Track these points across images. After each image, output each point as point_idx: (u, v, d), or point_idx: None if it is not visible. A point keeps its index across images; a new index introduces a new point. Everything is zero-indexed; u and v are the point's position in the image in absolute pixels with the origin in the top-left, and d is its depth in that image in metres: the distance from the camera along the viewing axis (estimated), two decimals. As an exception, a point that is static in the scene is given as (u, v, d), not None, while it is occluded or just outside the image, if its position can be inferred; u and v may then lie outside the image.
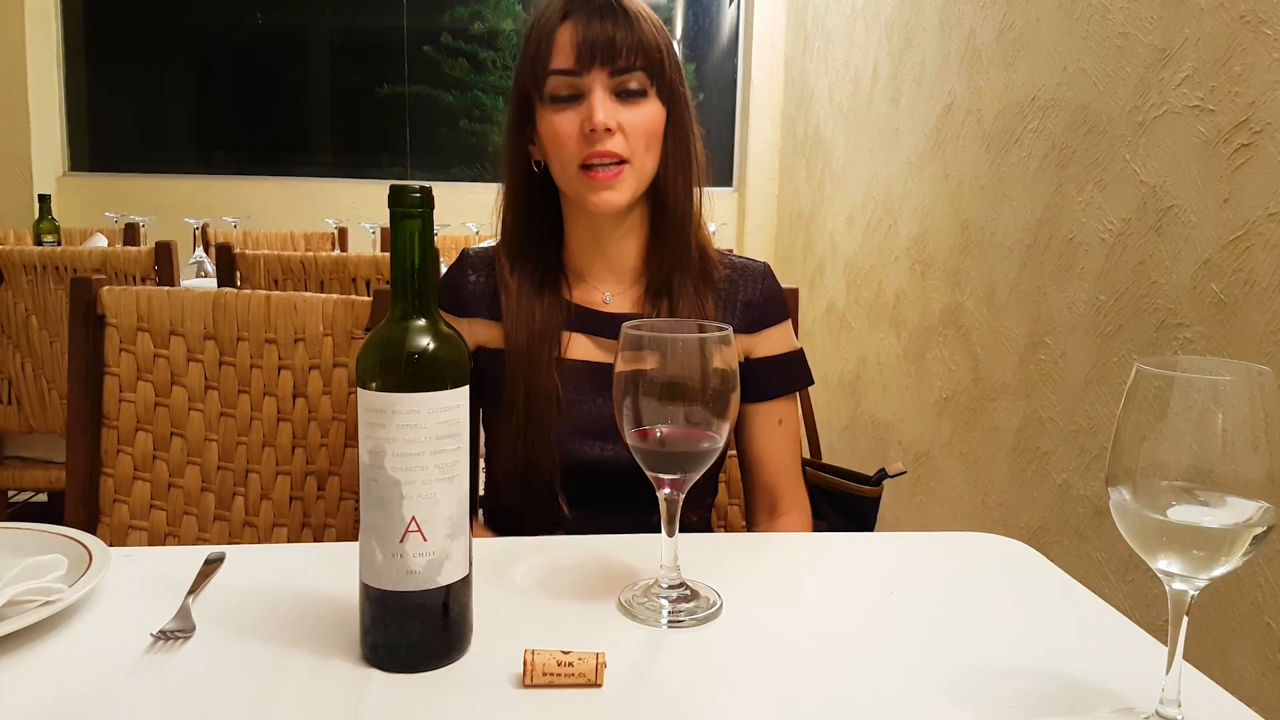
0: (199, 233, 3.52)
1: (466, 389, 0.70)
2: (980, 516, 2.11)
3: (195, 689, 0.66)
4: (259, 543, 1.28)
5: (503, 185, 1.15)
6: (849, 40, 3.25)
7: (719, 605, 0.80)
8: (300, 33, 4.83)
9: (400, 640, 0.69)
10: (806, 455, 1.37)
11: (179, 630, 0.72)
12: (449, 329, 0.71)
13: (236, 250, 2.27)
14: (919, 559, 0.96)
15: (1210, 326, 1.41)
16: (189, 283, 2.88)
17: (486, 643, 0.72)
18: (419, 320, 0.70)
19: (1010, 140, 2.02)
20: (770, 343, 1.18)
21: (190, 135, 4.83)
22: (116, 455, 1.29)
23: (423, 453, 0.67)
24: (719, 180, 4.51)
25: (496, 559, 0.89)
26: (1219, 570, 0.59)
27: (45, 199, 3.26)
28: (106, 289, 1.29)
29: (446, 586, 0.69)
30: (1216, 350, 1.40)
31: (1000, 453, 2.02)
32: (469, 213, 3.95)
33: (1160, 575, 0.61)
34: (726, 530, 1.37)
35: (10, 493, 2.68)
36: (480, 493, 1.24)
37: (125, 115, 4.72)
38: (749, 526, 1.23)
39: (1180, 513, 0.58)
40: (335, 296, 1.31)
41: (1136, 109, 1.58)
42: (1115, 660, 0.74)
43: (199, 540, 1.29)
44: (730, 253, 1.23)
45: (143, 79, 4.71)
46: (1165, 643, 0.63)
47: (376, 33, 4.76)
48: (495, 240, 1.19)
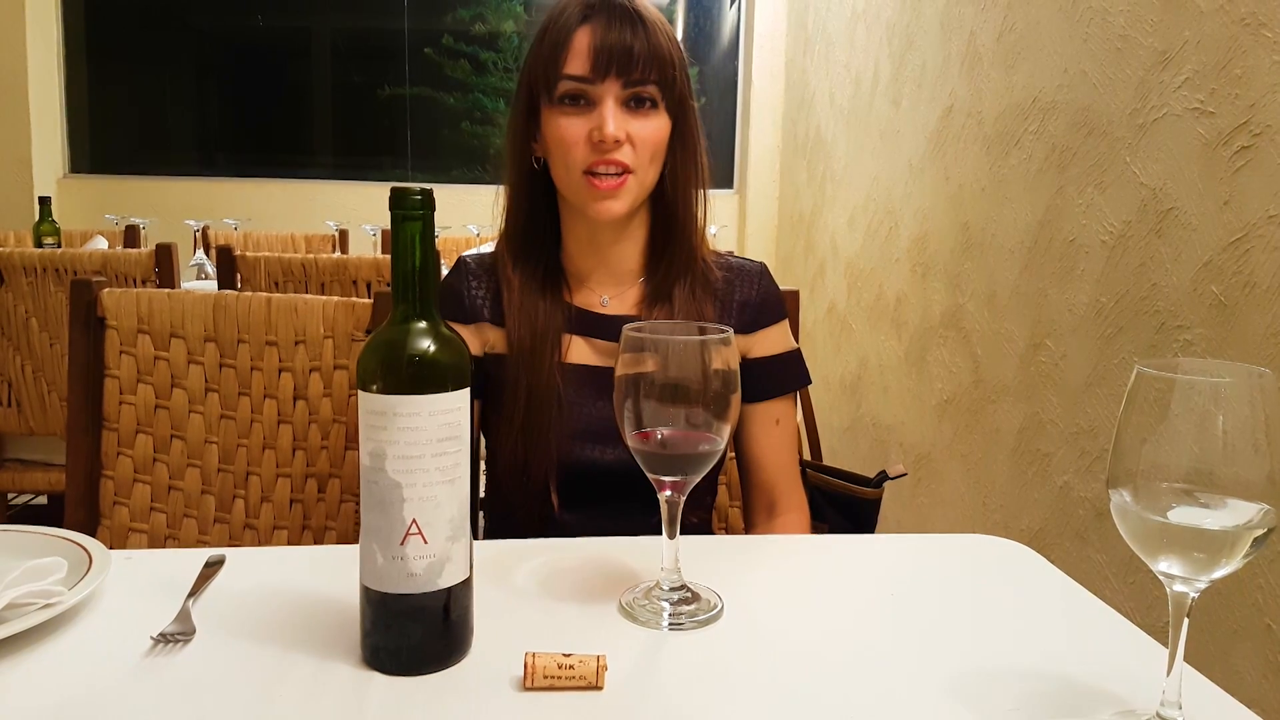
0: (199, 235, 3.53)
1: (467, 391, 0.70)
2: (981, 518, 2.11)
3: (195, 692, 0.66)
4: (259, 545, 1.28)
5: (505, 181, 1.15)
6: (850, 42, 3.25)
7: (720, 607, 0.80)
8: (302, 35, 4.83)
9: (401, 643, 0.69)
10: (807, 457, 1.38)
11: (179, 633, 0.72)
12: (450, 331, 0.71)
13: (237, 252, 2.27)
14: (920, 561, 0.96)
15: (1211, 328, 1.41)
16: (189, 285, 2.88)
17: (487, 645, 0.72)
18: (420, 322, 0.70)
19: (1011, 142, 2.02)
20: (767, 343, 1.18)
21: (191, 137, 4.83)
22: (117, 457, 1.29)
23: (424, 455, 0.67)
24: (719, 182, 4.52)
25: (497, 561, 0.89)
26: (1220, 572, 0.59)
27: (46, 201, 3.26)
28: (107, 291, 1.29)
29: (447, 589, 0.69)
30: (1217, 352, 1.40)
31: (1001, 455, 2.02)
32: (470, 215, 3.95)
33: (1161, 577, 0.61)
34: (727, 532, 1.37)
35: (10, 495, 2.68)
36: (481, 494, 1.24)
37: (126, 117, 4.72)
38: (747, 527, 1.23)
39: (1181, 515, 0.58)
40: (336, 299, 1.31)
41: (1137, 111, 1.58)
42: (1116, 662, 0.74)
43: (199, 542, 1.29)
44: (729, 254, 1.22)
45: (144, 81, 4.72)
46: (1166, 644, 0.63)
47: (378, 35, 4.76)
48: (495, 241, 1.19)
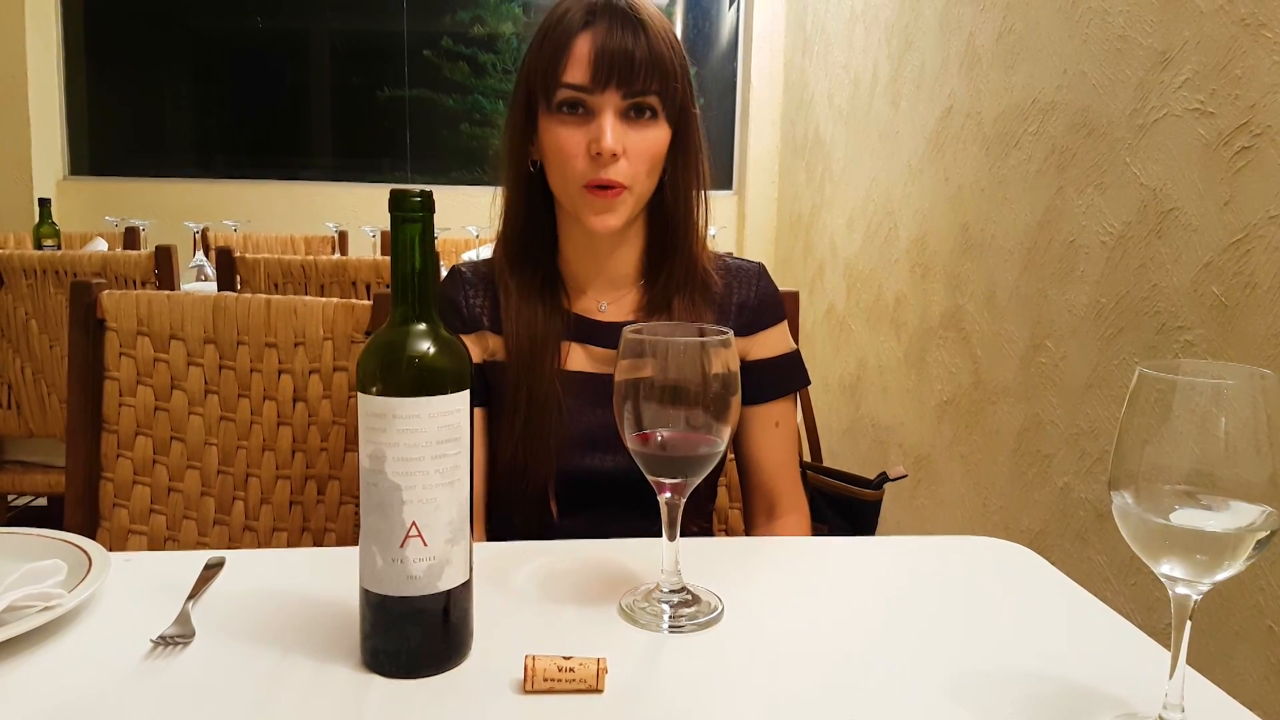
0: (199, 236, 3.53)
1: (467, 393, 0.70)
2: (981, 520, 2.10)
3: (195, 695, 0.66)
4: (259, 547, 1.28)
5: (502, 184, 1.13)
6: (848, 43, 3.25)
7: (720, 610, 0.80)
8: (301, 36, 4.83)
9: (400, 646, 0.69)
10: (807, 458, 1.37)
11: (178, 636, 0.72)
12: (449, 333, 0.71)
13: (237, 254, 2.27)
14: (920, 563, 0.96)
15: (1211, 329, 1.41)
16: (189, 286, 2.88)
17: (487, 648, 0.72)
18: (419, 325, 0.69)
19: (1010, 143, 2.02)
20: (766, 345, 1.17)
21: (191, 139, 4.83)
22: (116, 459, 1.29)
23: (423, 457, 0.67)
24: (719, 183, 4.51)
25: (497, 564, 0.88)
26: (1222, 575, 0.59)
27: (45, 203, 3.26)
28: (106, 293, 1.29)
29: (447, 592, 0.69)
30: (1217, 353, 1.40)
31: (1001, 456, 2.02)
32: (469, 216, 3.94)
33: (1163, 580, 0.61)
34: (728, 534, 1.37)
35: (10, 497, 2.68)
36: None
37: (125, 119, 4.72)
38: (747, 529, 1.23)
39: (1183, 517, 0.58)
40: (335, 300, 1.31)
41: (1137, 112, 1.58)
42: (1117, 664, 0.74)
43: (199, 544, 1.29)
44: (727, 255, 1.22)
45: (143, 83, 4.72)
46: (1167, 646, 0.63)
47: (377, 36, 4.76)
48: (493, 244, 1.18)
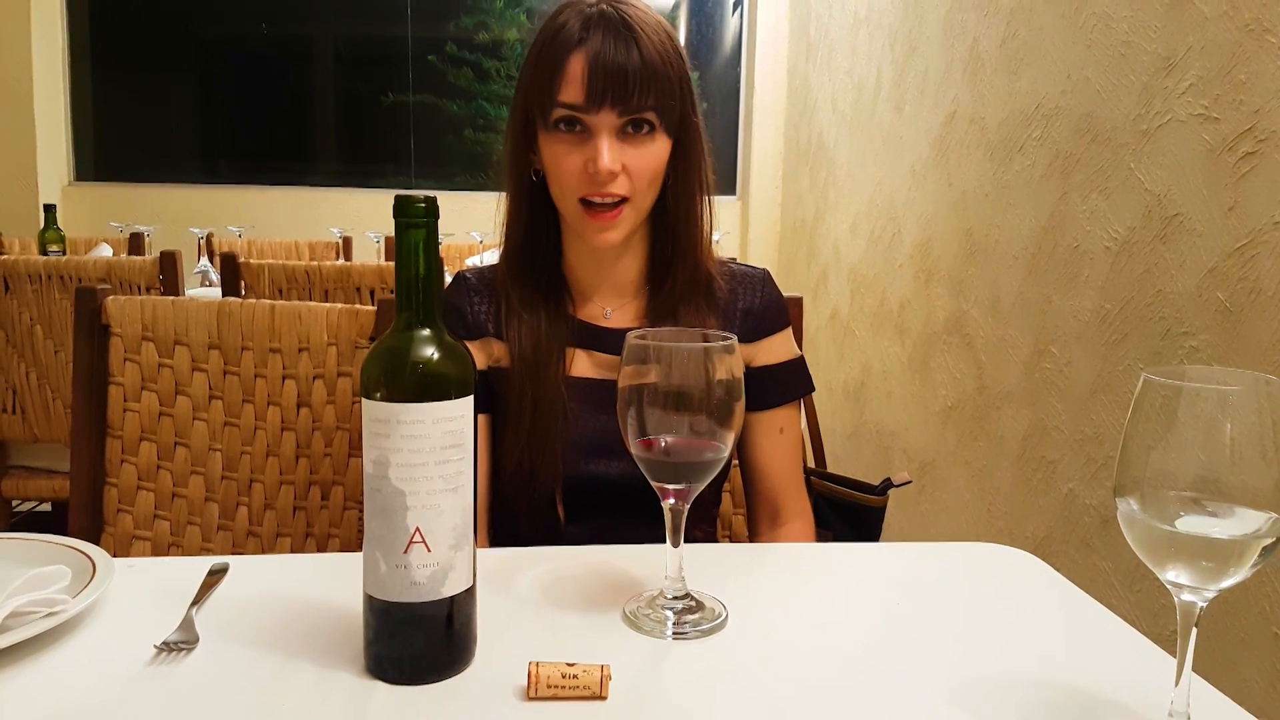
0: (204, 242, 3.53)
1: (471, 399, 0.70)
2: (986, 526, 2.10)
3: (198, 701, 0.66)
4: (263, 552, 1.28)
5: (505, 193, 1.13)
6: (852, 49, 3.25)
7: (724, 616, 0.80)
8: (305, 42, 4.84)
9: (404, 652, 0.69)
10: (811, 464, 1.37)
11: (182, 642, 0.72)
12: (453, 339, 0.71)
13: (241, 259, 2.28)
14: (925, 570, 0.95)
15: (1216, 335, 1.41)
16: (194, 292, 2.89)
17: (490, 655, 0.72)
18: (423, 330, 0.70)
19: (1014, 148, 2.02)
20: (771, 351, 1.17)
21: (195, 144, 4.84)
22: (120, 465, 1.29)
23: (427, 463, 0.67)
24: (722, 189, 4.49)
25: (500, 570, 0.88)
26: (1228, 582, 0.58)
27: (51, 209, 3.26)
28: (111, 298, 1.29)
29: (450, 598, 0.69)
30: (1222, 359, 1.39)
31: (1005, 461, 2.01)
32: (473, 222, 3.94)
33: (1169, 586, 0.61)
34: (732, 540, 1.36)
35: (14, 502, 2.68)
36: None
37: (130, 125, 4.73)
38: (751, 536, 1.23)
39: (1189, 523, 0.58)
40: (339, 306, 1.31)
41: (1141, 117, 1.58)
42: (1123, 671, 0.74)
43: (203, 550, 1.29)
44: (731, 261, 1.22)
45: (148, 88, 4.73)
46: (1173, 653, 0.63)
47: (381, 42, 4.77)
48: (498, 249, 1.18)
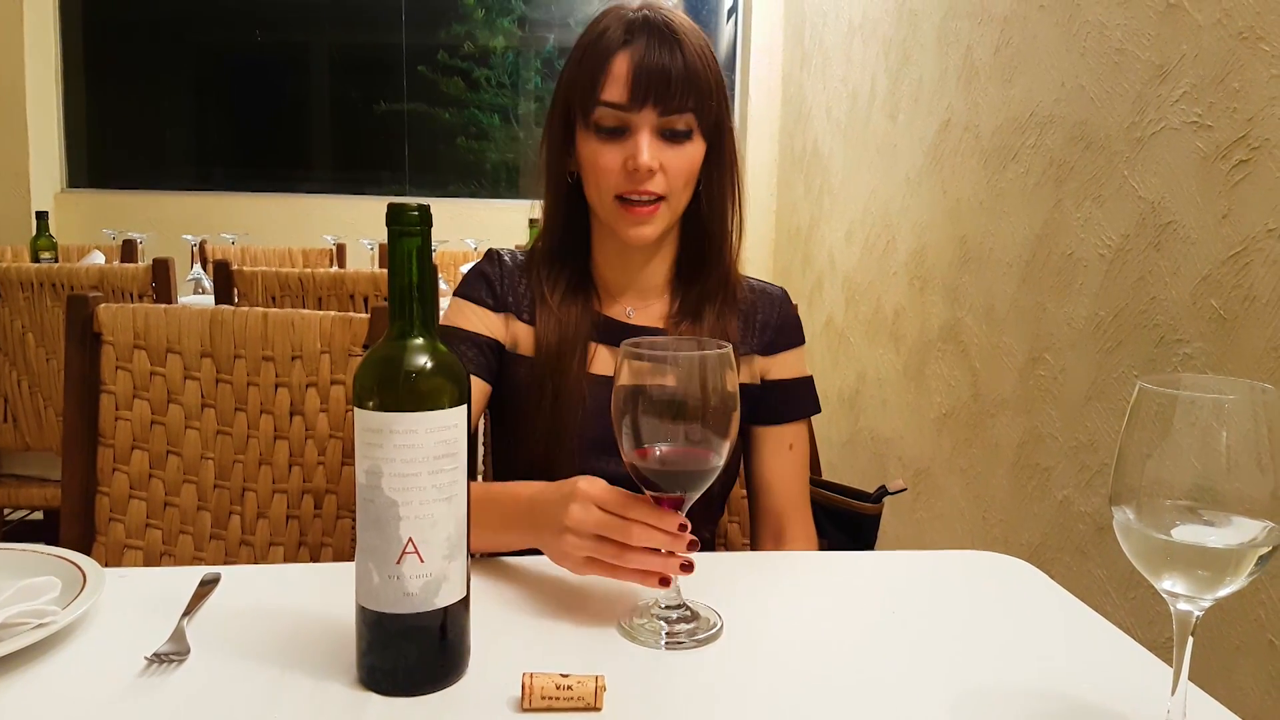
0: (197, 249, 3.52)
1: (464, 408, 0.69)
2: (981, 533, 2.10)
3: (189, 714, 0.65)
4: (255, 561, 1.27)
5: (544, 195, 1.15)
6: (846, 57, 3.26)
7: (719, 626, 0.79)
8: (299, 50, 4.85)
9: (397, 663, 0.68)
10: (809, 474, 1.37)
11: (173, 653, 0.72)
12: (446, 348, 0.70)
13: (234, 267, 2.27)
14: (920, 578, 0.95)
15: (1210, 342, 1.41)
16: (186, 299, 2.88)
17: (484, 665, 0.72)
18: (416, 339, 0.69)
19: (1008, 156, 2.02)
20: (785, 366, 1.19)
21: (189, 151, 4.84)
22: (112, 473, 1.28)
23: (420, 473, 0.67)
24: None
25: (494, 580, 0.88)
26: (1224, 590, 0.58)
27: (43, 216, 3.26)
28: (103, 306, 1.29)
29: (444, 608, 0.69)
30: (1216, 366, 1.40)
31: (1000, 469, 2.01)
32: (467, 229, 3.95)
33: (1165, 595, 0.60)
34: (726, 549, 1.36)
35: (6, 510, 2.66)
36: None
37: (124, 132, 4.73)
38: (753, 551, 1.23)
39: (1184, 532, 0.58)
40: (333, 314, 1.30)
41: (1134, 125, 1.59)
42: (1118, 680, 0.74)
43: (195, 559, 1.28)
44: (751, 277, 1.23)
45: (141, 95, 4.73)
46: (1168, 661, 0.63)
47: (375, 50, 4.78)
48: (515, 247, 1.19)
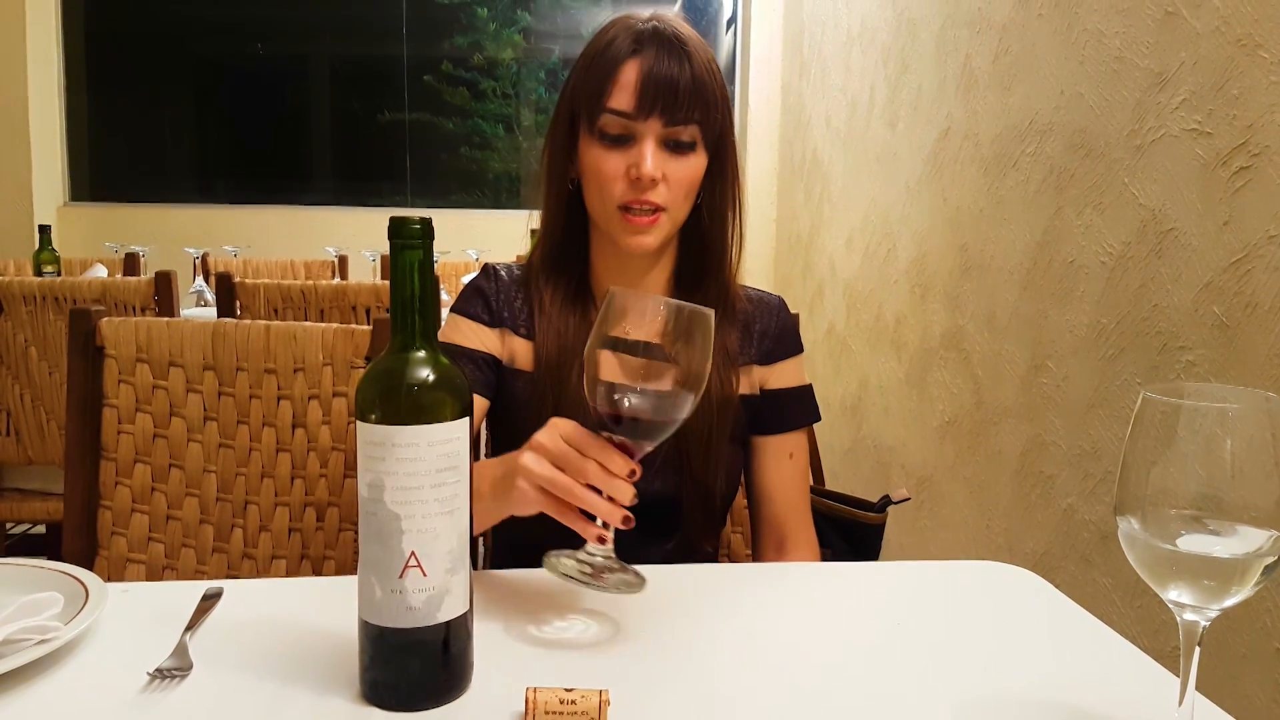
0: (199, 262, 3.53)
1: (467, 421, 0.69)
2: (985, 541, 2.09)
3: (192, 729, 0.65)
4: (258, 574, 1.27)
5: (541, 203, 1.15)
6: (845, 66, 3.27)
7: (644, 583, 0.79)
8: (301, 61, 4.86)
9: (399, 678, 0.68)
10: (809, 481, 1.36)
11: (175, 669, 0.71)
12: (449, 360, 0.70)
13: (236, 279, 2.27)
14: (926, 588, 0.95)
15: (1213, 349, 1.41)
16: (189, 312, 2.89)
17: (487, 680, 0.71)
18: (419, 352, 0.69)
19: (1008, 164, 2.02)
20: (784, 375, 1.18)
21: (191, 164, 4.85)
22: (115, 487, 1.28)
23: (423, 486, 0.67)
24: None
25: (497, 594, 0.88)
26: (1230, 600, 0.58)
27: (45, 229, 3.26)
28: (105, 320, 1.29)
29: (446, 623, 0.68)
30: (1219, 373, 1.39)
31: (1004, 477, 2.01)
32: (469, 240, 3.95)
33: (1171, 606, 0.60)
34: (730, 559, 1.36)
35: (8, 524, 2.66)
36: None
37: (126, 145, 4.74)
38: (755, 561, 1.22)
39: (1190, 542, 0.57)
40: (335, 326, 1.30)
41: (1134, 132, 1.59)
42: (1125, 689, 0.73)
43: (197, 572, 1.28)
44: (748, 287, 1.22)
45: (144, 109, 4.75)
46: (1175, 670, 0.62)
47: (377, 61, 4.79)
48: (515, 259, 1.19)
